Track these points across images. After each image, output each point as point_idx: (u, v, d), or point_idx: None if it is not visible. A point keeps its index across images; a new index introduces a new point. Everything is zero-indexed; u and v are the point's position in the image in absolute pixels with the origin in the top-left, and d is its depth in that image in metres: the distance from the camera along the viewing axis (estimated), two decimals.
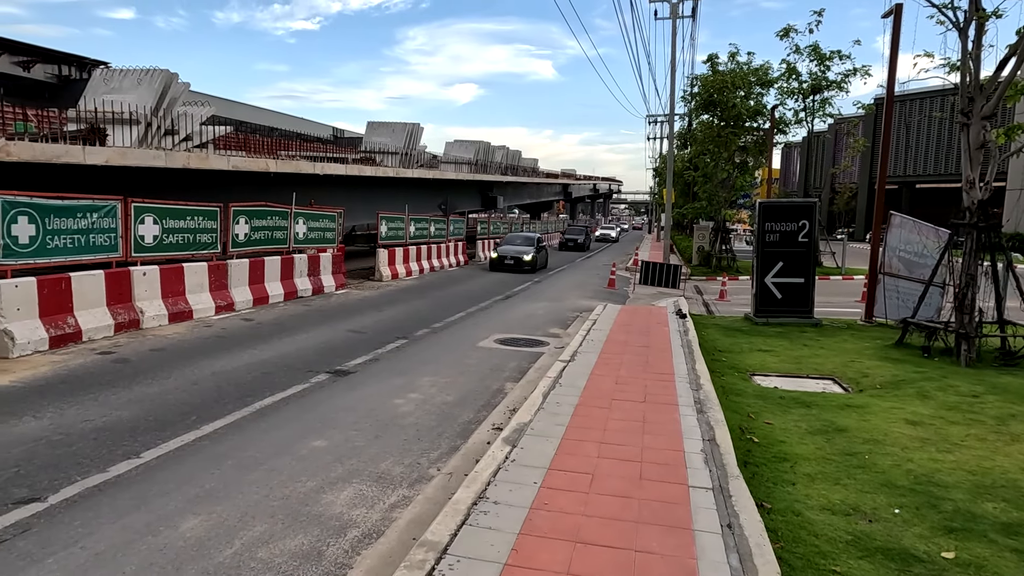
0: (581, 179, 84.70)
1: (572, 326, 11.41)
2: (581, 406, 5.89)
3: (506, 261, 22.43)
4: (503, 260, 22.54)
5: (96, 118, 12.71)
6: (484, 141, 41.44)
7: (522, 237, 25.64)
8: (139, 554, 3.45)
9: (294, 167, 18.11)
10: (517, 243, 24.18)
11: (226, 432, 5.39)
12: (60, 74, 30.77)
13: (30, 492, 4.12)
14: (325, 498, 4.22)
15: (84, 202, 8.73)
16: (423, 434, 5.54)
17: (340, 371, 7.59)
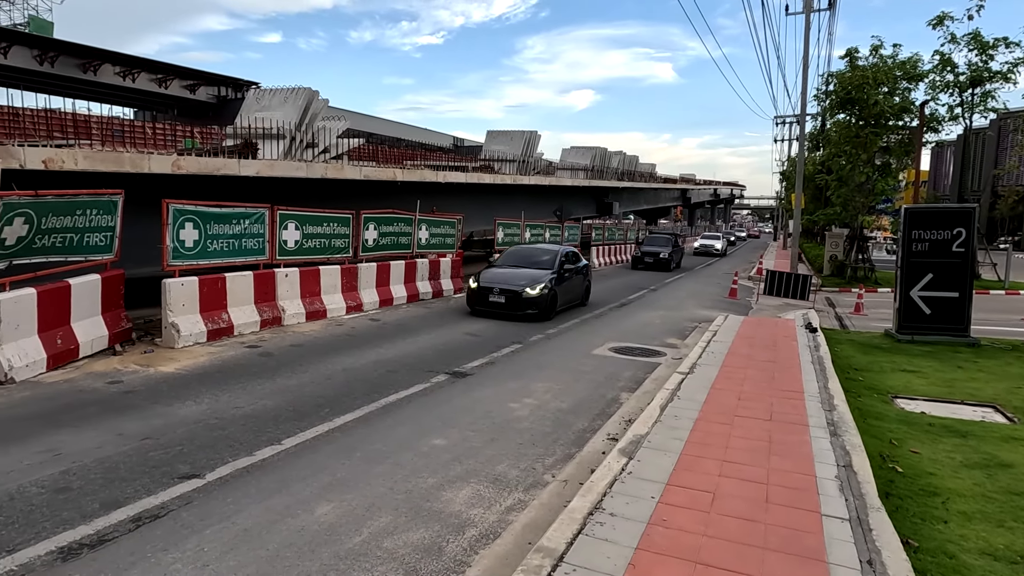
0: (700, 184, 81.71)
1: (690, 336, 11.02)
2: (701, 421, 5.68)
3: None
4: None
5: (249, 134, 14.11)
6: (600, 147, 41.17)
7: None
8: (280, 534, 3.77)
9: (419, 176, 19.01)
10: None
11: (355, 425, 5.75)
12: (219, 95, 34.44)
13: (191, 469, 4.63)
14: (445, 495, 4.38)
15: (238, 210, 9.69)
16: (538, 439, 5.59)
17: (458, 372, 7.84)
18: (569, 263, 13.68)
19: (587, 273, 14.93)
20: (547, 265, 13.18)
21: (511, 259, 14.01)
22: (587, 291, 14.79)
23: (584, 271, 14.62)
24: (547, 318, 12.16)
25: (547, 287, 12.20)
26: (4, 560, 3.36)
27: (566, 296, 13.27)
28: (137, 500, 4.10)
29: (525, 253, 14.30)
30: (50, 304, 7.14)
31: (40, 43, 27.91)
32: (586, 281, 14.77)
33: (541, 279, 12.36)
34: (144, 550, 3.52)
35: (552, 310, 12.38)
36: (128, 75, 30.44)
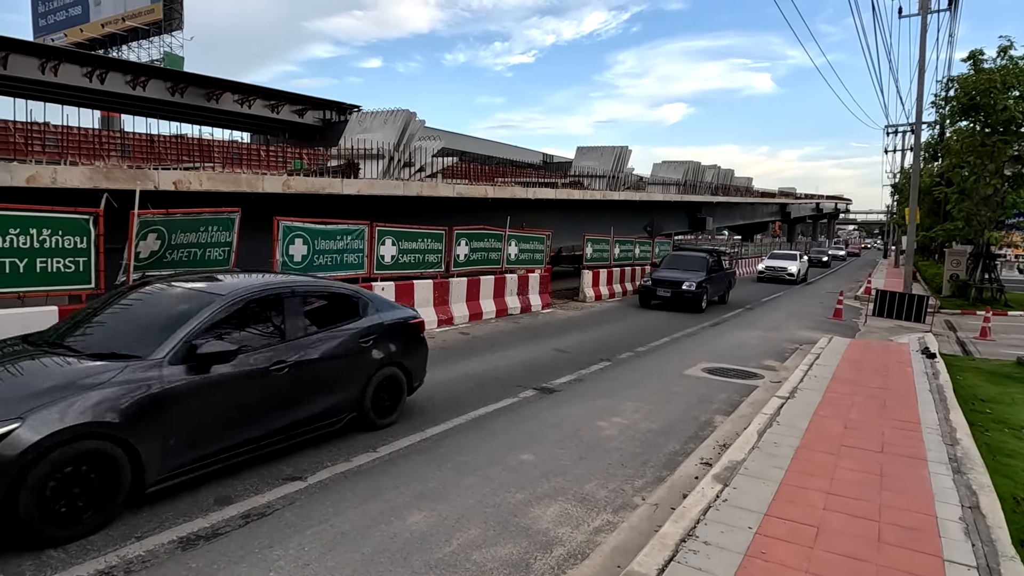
0: (801, 198, 77.67)
1: (791, 359, 10.45)
2: (803, 449, 5.36)
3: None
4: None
5: (352, 154, 14.93)
6: (693, 161, 40.17)
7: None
8: (374, 539, 3.90)
9: (509, 192, 19.32)
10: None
11: (446, 437, 5.87)
12: (324, 118, 36.62)
13: (294, 471, 4.90)
14: (533, 511, 4.37)
15: (341, 226, 10.24)
16: (627, 460, 5.48)
17: (546, 388, 7.84)
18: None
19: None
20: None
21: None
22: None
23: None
24: None
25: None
26: (134, 546, 3.69)
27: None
28: (247, 498, 4.39)
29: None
30: None
31: (172, 76, 30.89)
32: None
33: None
34: (252, 546, 3.75)
35: None
36: (245, 102, 33.04)
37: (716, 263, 18.03)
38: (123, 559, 3.54)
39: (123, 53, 39.67)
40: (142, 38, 39.44)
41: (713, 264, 17.67)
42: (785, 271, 28.61)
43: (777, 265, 29.12)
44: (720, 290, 18.47)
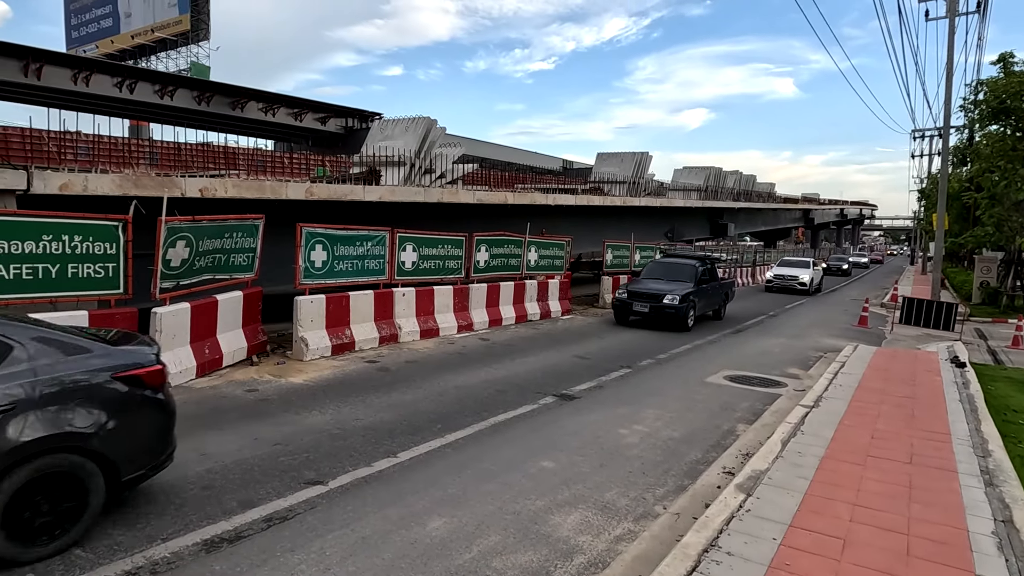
0: (825, 204, 76.61)
1: (815, 367, 10.29)
2: (828, 459, 5.26)
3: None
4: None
5: (374, 161, 15.07)
6: (714, 167, 39.81)
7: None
8: (395, 544, 3.91)
9: (529, 199, 19.34)
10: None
11: (466, 443, 5.88)
12: (347, 125, 37.06)
13: (316, 475, 4.94)
14: (553, 519, 4.35)
15: (362, 232, 10.33)
16: (648, 468, 5.43)
17: (566, 395, 7.81)
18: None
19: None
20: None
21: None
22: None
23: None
24: None
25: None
26: (159, 547, 3.74)
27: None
28: (269, 501, 4.43)
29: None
30: (200, 318, 7.95)
31: (199, 85, 31.51)
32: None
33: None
34: (274, 549, 3.79)
35: None
36: (269, 110, 33.56)
37: (708, 272, 15.40)
38: (149, 560, 3.60)
39: (152, 63, 40.58)
40: (170, 48, 40.32)
41: (703, 273, 15.00)
42: (796, 280, 25.44)
43: (786, 273, 25.94)
44: (713, 304, 15.78)
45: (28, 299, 6.49)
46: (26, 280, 6.42)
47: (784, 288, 25.52)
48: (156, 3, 39.92)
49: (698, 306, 14.35)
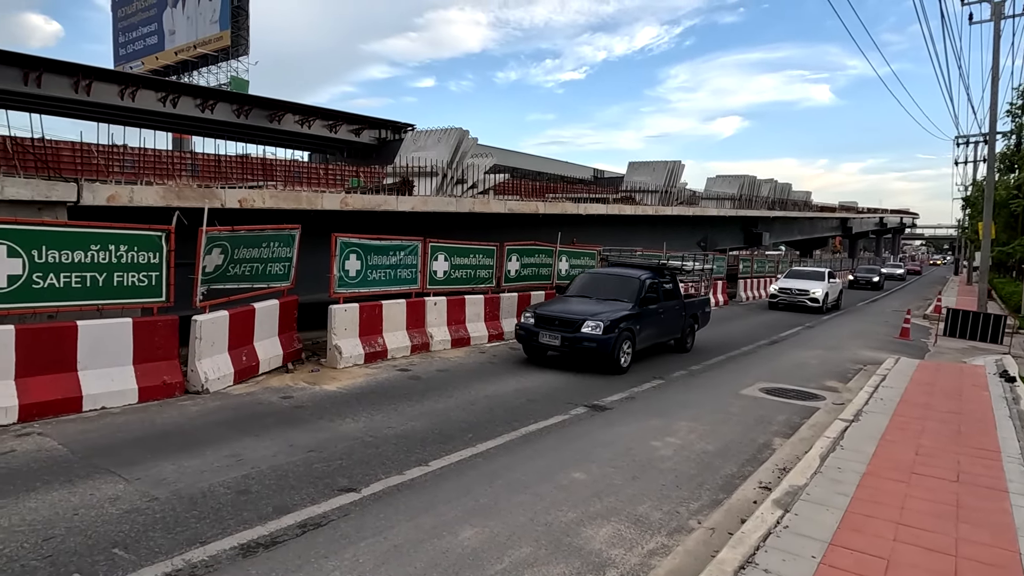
0: (863, 212, 74.80)
1: (854, 380, 10.01)
2: (869, 476, 5.10)
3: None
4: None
5: (407, 172, 15.26)
6: (748, 175, 39.27)
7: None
8: (427, 553, 3.92)
9: (560, 208, 19.34)
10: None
11: (497, 452, 5.87)
12: (380, 137, 37.67)
13: (349, 483, 4.99)
14: (585, 531, 4.31)
15: (395, 242, 10.46)
16: (682, 481, 5.35)
17: (597, 406, 7.75)
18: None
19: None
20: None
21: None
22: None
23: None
24: None
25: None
26: (197, 551, 3.82)
27: None
28: (303, 508, 4.49)
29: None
30: (238, 325, 8.14)
31: (238, 99, 32.43)
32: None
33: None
34: (308, 555, 3.83)
35: None
36: (305, 122, 34.33)
37: (658, 288, 11.18)
38: (188, 563, 3.68)
39: (193, 78, 41.94)
40: (211, 64, 41.62)
41: (651, 289, 10.89)
42: (807, 296, 21.38)
43: (792, 287, 21.89)
44: (671, 331, 11.63)
45: (77, 306, 6.74)
46: (75, 288, 6.67)
47: (791, 305, 21.65)
48: (199, 20, 41.31)
49: (641, 336, 10.29)
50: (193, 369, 7.41)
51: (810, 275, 23.09)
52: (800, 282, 22.19)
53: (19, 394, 6.08)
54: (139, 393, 6.90)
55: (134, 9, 46.24)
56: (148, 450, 5.49)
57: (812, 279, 22.40)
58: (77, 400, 6.45)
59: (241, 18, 39.76)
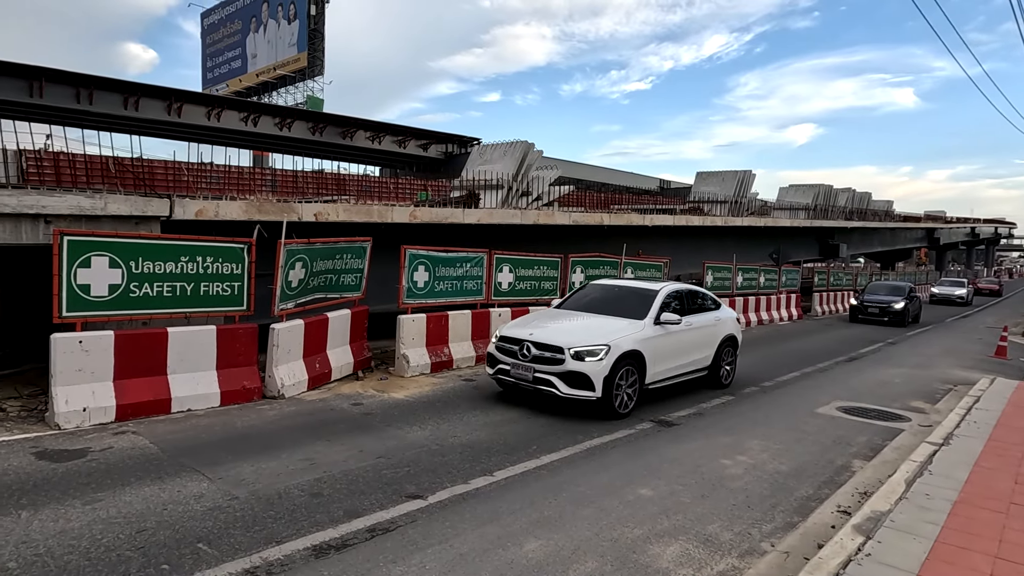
0: (952, 222, 70.18)
1: (943, 401, 9.38)
2: (962, 504, 4.76)
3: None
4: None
5: (473, 185, 15.51)
6: (824, 184, 37.64)
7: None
8: (492, 563, 3.94)
9: (625, 219, 19.14)
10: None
11: (561, 465, 5.84)
12: (446, 151, 38.48)
13: (416, 489, 5.08)
14: (652, 549, 4.22)
15: (461, 254, 10.64)
16: (754, 502, 5.15)
17: (664, 421, 7.58)
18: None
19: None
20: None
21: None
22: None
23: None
24: None
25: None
26: (273, 550, 3.99)
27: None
28: (372, 512, 4.61)
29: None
30: (313, 334, 8.47)
31: (313, 117, 33.95)
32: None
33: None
34: (377, 559, 3.93)
35: None
36: (375, 138, 35.52)
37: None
38: (265, 560, 3.84)
39: (272, 98, 44.17)
40: (289, 84, 43.74)
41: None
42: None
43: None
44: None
45: (167, 314, 7.20)
46: (166, 297, 7.13)
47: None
48: (278, 44, 43.56)
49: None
50: (270, 375, 7.76)
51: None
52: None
53: (116, 395, 6.54)
54: (221, 397, 7.29)
55: (221, 35, 49.28)
56: (229, 451, 5.78)
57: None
58: (167, 402, 6.88)
59: (317, 40, 41.63)
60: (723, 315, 9.69)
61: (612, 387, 7.27)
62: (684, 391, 9.10)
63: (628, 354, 7.45)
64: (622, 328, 7.74)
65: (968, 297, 35.74)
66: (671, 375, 8.41)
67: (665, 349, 8.12)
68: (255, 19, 45.48)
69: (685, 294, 9.16)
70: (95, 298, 6.63)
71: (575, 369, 7.17)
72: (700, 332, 8.96)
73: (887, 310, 21.45)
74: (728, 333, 9.58)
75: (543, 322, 8.19)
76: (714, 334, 9.30)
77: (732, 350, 9.78)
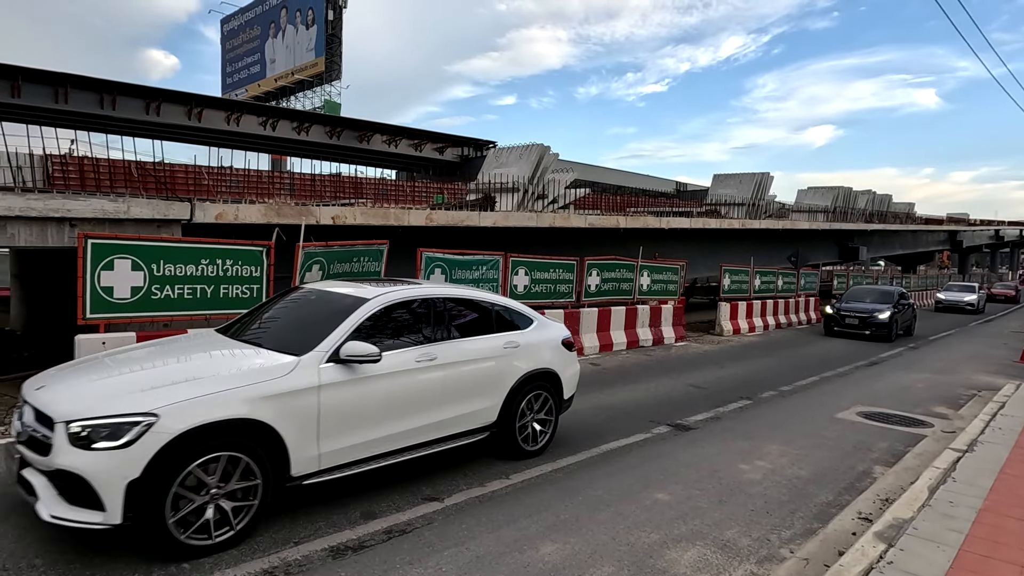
0: (975, 224, 69.01)
1: (967, 407, 9.21)
2: (987, 512, 4.67)
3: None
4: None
5: (489, 188, 15.56)
6: (843, 187, 37.19)
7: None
8: (508, 566, 3.94)
9: (641, 222, 19.07)
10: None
11: (577, 468, 5.82)
12: (462, 154, 38.62)
13: (432, 492, 5.09)
14: (669, 554, 4.20)
15: (477, 257, 10.67)
16: (772, 508, 5.10)
17: (680, 425, 7.54)
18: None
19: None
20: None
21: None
22: None
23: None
24: None
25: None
26: (292, 550, 4.02)
27: None
28: (389, 515, 4.63)
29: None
30: None
31: (330, 121, 34.27)
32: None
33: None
34: (393, 561, 3.94)
35: None
36: (392, 142, 35.76)
37: None
38: (283, 561, 3.87)
39: (291, 103, 44.71)
40: (307, 88, 44.24)
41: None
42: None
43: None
44: None
45: (188, 316, 7.31)
46: (187, 299, 7.24)
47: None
48: (296, 49, 44.07)
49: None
50: None
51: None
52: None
53: None
54: None
55: (240, 41, 49.97)
56: None
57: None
58: None
59: (335, 45, 42.07)
60: (529, 339, 6.01)
61: (163, 504, 3.68)
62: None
63: (213, 429, 3.85)
64: (238, 375, 4.19)
65: (979, 304, 31.38)
66: (381, 450, 4.87)
67: (356, 406, 4.65)
68: (274, 25, 46.07)
69: (438, 304, 5.45)
70: (118, 300, 6.75)
71: (66, 467, 3.61)
72: (460, 371, 5.33)
73: (869, 321, 17.47)
74: (537, 368, 5.95)
75: (115, 363, 4.60)
76: (500, 372, 5.65)
77: (551, 396, 6.13)
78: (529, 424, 5.97)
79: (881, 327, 17.35)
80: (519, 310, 6.33)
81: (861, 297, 19.32)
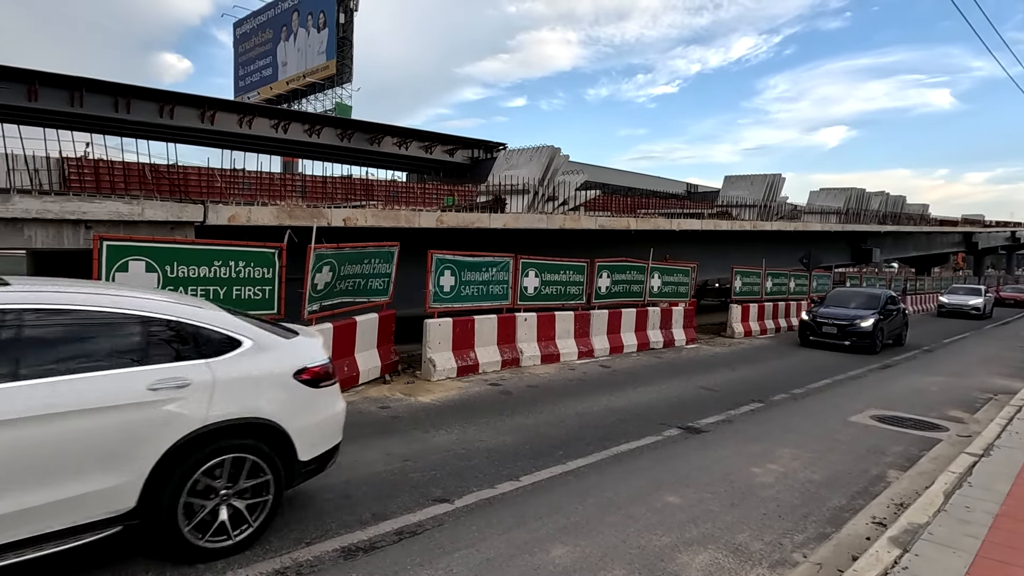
0: (991, 226, 68.17)
1: (983, 411, 9.10)
2: (1004, 517, 4.61)
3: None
4: None
5: (499, 190, 15.58)
6: (856, 188, 36.85)
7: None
8: (519, 568, 3.94)
9: (652, 224, 19.00)
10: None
11: (587, 471, 5.81)
12: (473, 156, 38.67)
13: (442, 493, 5.10)
14: (680, 558, 4.18)
15: (487, 259, 10.67)
16: (785, 511, 5.06)
17: (692, 428, 7.50)
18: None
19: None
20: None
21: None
22: None
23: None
24: None
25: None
26: (303, 551, 4.04)
27: None
28: (400, 516, 4.64)
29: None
30: (342, 337, 8.57)
31: (341, 123, 34.42)
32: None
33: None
34: (404, 562, 3.95)
35: None
36: (403, 144, 35.87)
37: None
38: (295, 561, 3.89)
39: (302, 105, 44.96)
40: (318, 91, 44.49)
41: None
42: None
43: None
44: None
45: None
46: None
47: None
48: (308, 52, 44.35)
49: None
50: None
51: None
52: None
53: None
54: None
55: (252, 44, 50.35)
56: None
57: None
58: None
59: (346, 48, 42.28)
60: (222, 371, 3.89)
61: None
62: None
63: None
64: None
65: (986, 308, 28.99)
66: None
67: None
68: (286, 28, 46.39)
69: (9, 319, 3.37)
70: None
71: None
72: (40, 432, 3.28)
73: (848, 330, 15.13)
74: (234, 418, 3.88)
75: None
76: (137, 429, 3.55)
77: (266, 461, 4.02)
78: (219, 507, 3.85)
79: (863, 337, 14.98)
80: (210, 324, 4.03)
81: (844, 301, 16.81)
